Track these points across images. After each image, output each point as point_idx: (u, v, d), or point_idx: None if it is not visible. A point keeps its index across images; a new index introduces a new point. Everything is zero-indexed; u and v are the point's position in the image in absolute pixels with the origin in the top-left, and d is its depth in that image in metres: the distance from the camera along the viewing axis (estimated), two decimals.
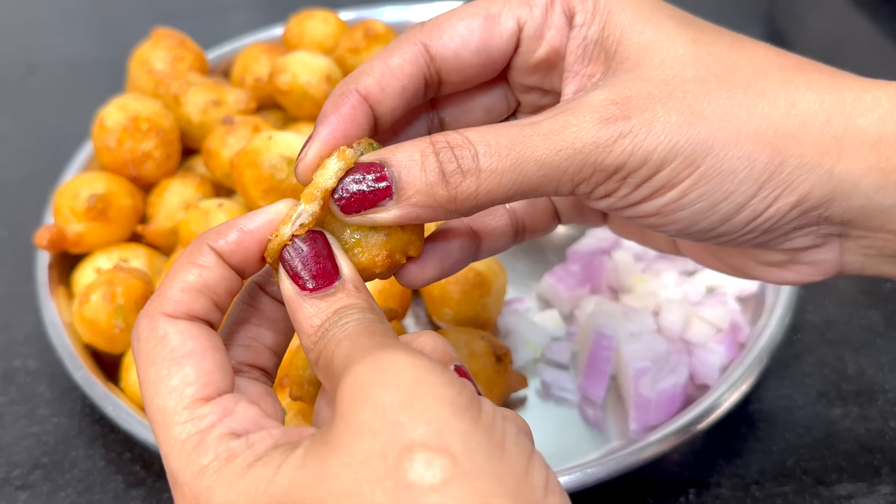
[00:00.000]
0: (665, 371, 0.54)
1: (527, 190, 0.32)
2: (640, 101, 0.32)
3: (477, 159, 0.32)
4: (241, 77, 0.70)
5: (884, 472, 0.52)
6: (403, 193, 0.32)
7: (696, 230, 0.34)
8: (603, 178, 0.32)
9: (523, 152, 0.32)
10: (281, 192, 0.53)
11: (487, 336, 0.53)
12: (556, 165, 0.32)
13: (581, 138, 0.32)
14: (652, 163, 0.32)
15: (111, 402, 0.51)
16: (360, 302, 0.31)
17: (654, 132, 0.32)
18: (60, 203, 0.58)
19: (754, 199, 0.33)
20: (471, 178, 0.32)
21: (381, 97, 0.35)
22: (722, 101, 0.32)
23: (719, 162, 0.32)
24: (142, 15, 1.03)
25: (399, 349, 0.27)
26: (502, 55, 0.37)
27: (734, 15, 0.98)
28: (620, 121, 0.32)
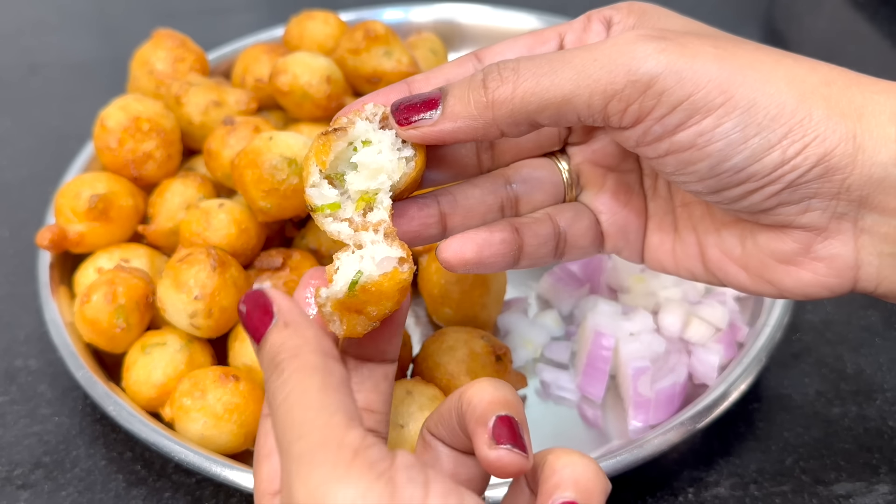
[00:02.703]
0: (664, 370, 0.54)
1: (561, 99, 0.34)
2: (675, 34, 0.34)
3: (517, 68, 0.34)
4: (241, 78, 0.70)
5: (882, 471, 0.52)
6: (448, 102, 0.35)
7: (728, 167, 0.34)
8: (636, 92, 0.33)
9: (561, 60, 0.34)
10: (281, 192, 0.53)
11: (487, 336, 0.53)
12: (590, 73, 0.33)
13: (616, 49, 0.33)
14: (686, 83, 0.33)
15: (112, 402, 0.51)
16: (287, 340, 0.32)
17: (687, 53, 0.33)
18: (62, 203, 0.58)
19: (784, 141, 0.33)
20: (508, 84, 0.34)
21: (423, 85, 0.38)
22: (751, 50, 0.34)
23: (751, 93, 0.33)
24: (143, 16, 1.03)
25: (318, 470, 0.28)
26: None
27: (733, 15, 0.99)
28: (657, 40, 0.33)
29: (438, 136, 0.36)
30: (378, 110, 0.37)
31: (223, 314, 0.52)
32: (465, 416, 0.33)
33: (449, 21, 0.86)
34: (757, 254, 0.38)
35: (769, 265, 0.38)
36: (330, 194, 0.37)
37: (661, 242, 0.43)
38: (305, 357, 0.31)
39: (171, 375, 0.52)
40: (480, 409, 0.32)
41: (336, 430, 0.28)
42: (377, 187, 0.37)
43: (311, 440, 0.28)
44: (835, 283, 0.37)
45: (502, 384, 0.33)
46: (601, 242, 0.43)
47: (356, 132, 0.36)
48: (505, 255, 0.40)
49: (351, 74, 0.68)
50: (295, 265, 0.57)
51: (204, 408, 0.49)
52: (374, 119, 0.37)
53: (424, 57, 0.77)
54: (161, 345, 0.53)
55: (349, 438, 0.28)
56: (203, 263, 0.52)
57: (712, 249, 0.41)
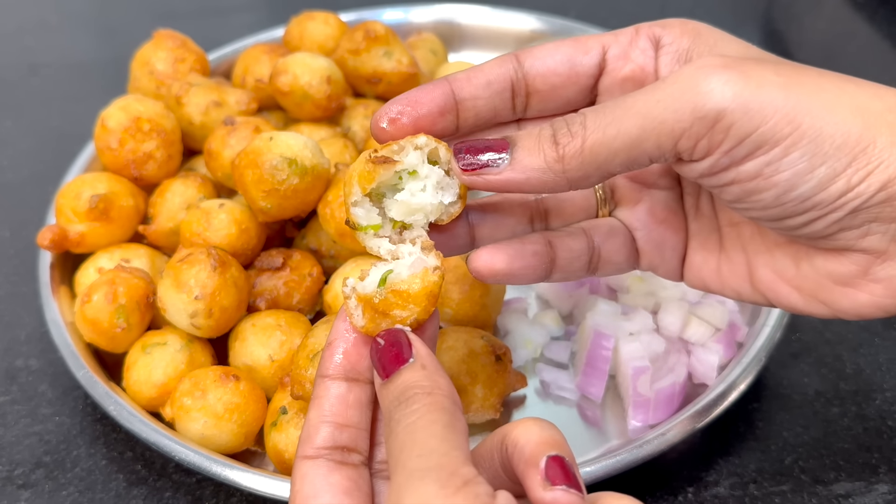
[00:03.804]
0: (664, 370, 0.54)
1: (629, 145, 0.34)
2: (737, 63, 0.33)
3: (584, 121, 0.34)
4: (242, 78, 0.71)
5: (881, 470, 0.52)
6: (517, 155, 0.35)
7: (793, 197, 0.34)
8: (704, 128, 0.33)
9: (625, 107, 0.34)
10: (281, 192, 0.53)
11: (487, 336, 0.53)
12: (655, 115, 0.33)
13: (680, 86, 0.33)
14: (753, 115, 0.33)
15: (113, 402, 0.51)
16: (423, 381, 0.33)
17: (752, 83, 0.33)
18: (62, 203, 0.58)
19: (849, 170, 0.33)
20: (577, 139, 0.34)
21: (464, 84, 0.39)
22: (813, 77, 0.34)
23: (818, 122, 0.33)
24: (143, 16, 1.03)
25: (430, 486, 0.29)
26: (587, 71, 0.39)
27: (733, 15, 0.99)
28: (720, 70, 0.33)
29: (504, 185, 0.36)
30: (430, 145, 0.36)
31: (223, 314, 0.52)
32: (511, 457, 0.33)
33: (449, 21, 0.86)
34: (812, 275, 0.38)
35: (825, 286, 0.38)
36: (374, 216, 0.37)
37: (705, 261, 0.42)
38: (438, 398, 0.32)
39: (171, 375, 0.52)
40: (529, 451, 0.32)
41: (453, 461, 0.30)
42: (413, 221, 0.37)
43: (429, 461, 0.30)
44: (891, 304, 0.36)
45: (546, 423, 0.33)
46: (636, 259, 0.43)
47: (405, 164, 0.36)
48: (536, 267, 0.40)
49: (351, 75, 0.68)
50: (295, 265, 0.57)
51: (204, 407, 0.49)
52: (424, 151, 0.36)
53: (424, 57, 0.77)
54: (161, 345, 0.53)
55: (463, 471, 0.30)
56: (203, 263, 0.52)
57: (763, 270, 0.40)
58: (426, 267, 0.36)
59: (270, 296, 0.56)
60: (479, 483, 0.29)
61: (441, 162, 0.37)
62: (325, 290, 0.57)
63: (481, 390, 0.51)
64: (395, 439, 0.32)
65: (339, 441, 0.35)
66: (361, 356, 0.36)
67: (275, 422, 0.49)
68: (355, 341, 0.36)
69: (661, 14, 0.39)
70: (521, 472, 0.32)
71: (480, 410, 0.52)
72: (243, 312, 0.55)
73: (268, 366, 0.52)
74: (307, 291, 0.57)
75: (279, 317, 0.54)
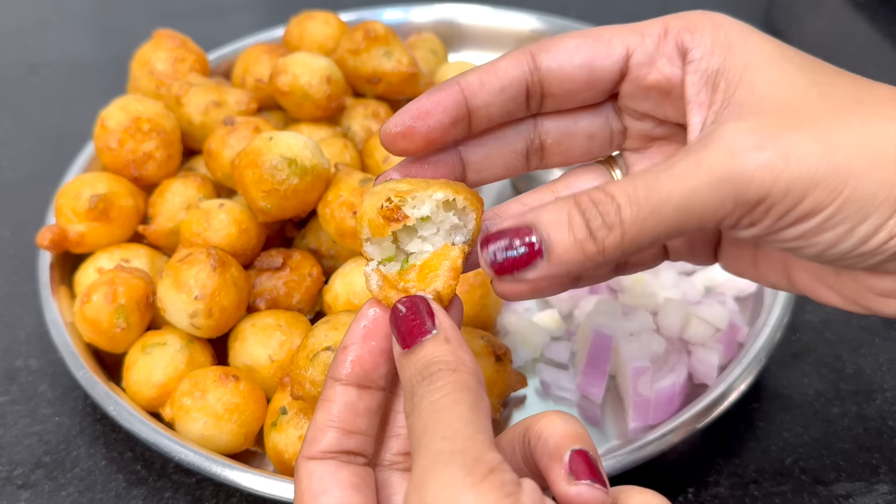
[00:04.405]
0: (664, 370, 0.54)
1: (671, 232, 0.33)
2: (773, 129, 0.32)
3: (619, 212, 0.32)
4: (241, 78, 0.70)
5: (882, 471, 0.52)
6: (554, 252, 0.33)
7: (834, 252, 0.34)
8: (745, 210, 0.32)
9: (661, 198, 0.32)
10: (281, 192, 0.53)
11: (487, 336, 0.53)
12: (694, 206, 0.32)
13: (716, 175, 0.31)
14: (793, 194, 0.32)
15: (112, 402, 0.51)
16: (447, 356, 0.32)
17: (792, 161, 0.31)
18: (62, 203, 0.58)
19: (891, 221, 0.32)
20: (616, 231, 0.32)
21: (477, 90, 0.37)
22: (856, 127, 0.32)
23: (861, 187, 0.32)
24: (143, 16, 1.03)
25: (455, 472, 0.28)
26: (607, 75, 0.37)
27: (733, 15, 0.98)
28: (756, 151, 0.31)
29: (540, 282, 0.34)
30: (449, 197, 0.35)
31: (223, 314, 0.52)
32: (534, 450, 0.33)
33: (449, 21, 0.86)
34: (853, 285, 0.38)
35: (866, 295, 0.37)
36: (386, 249, 0.36)
37: (739, 256, 0.41)
38: (462, 375, 0.32)
39: (171, 375, 0.52)
40: (553, 444, 0.32)
41: (478, 446, 0.29)
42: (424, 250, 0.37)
43: (454, 444, 0.29)
44: None
45: (570, 417, 0.33)
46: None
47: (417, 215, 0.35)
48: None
49: (351, 75, 0.68)
50: (295, 265, 0.57)
51: (204, 408, 0.49)
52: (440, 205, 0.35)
53: (424, 57, 0.77)
54: (161, 345, 0.53)
55: (488, 457, 0.29)
56: (203, 263, 0.52)
57: (802, 273, 0.39)
58: (447, 244, 0.35)
59: (270, 296, 0.56)
60: (505, 470, 0.29)
61: (457, 209, 0.36)
62: (325, 290, 0.57)
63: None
64: (417, 418, 0.31)
65: (344, 447, 0.35)
66: (376, 364, 0.35)
67: (275, 422, 0.49)
68: (371, 348, 0.35)
69: (663, 14, 0.38)
70: (544, 466, 0.32)
71: None
72: (243, 312, 0.55)
73: (268, 366, 0.52)
74: (307, 291, 0.57)
75: (279, 317, 0.54)
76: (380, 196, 0.35)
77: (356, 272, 0.55)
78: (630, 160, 0.41)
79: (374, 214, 0.35)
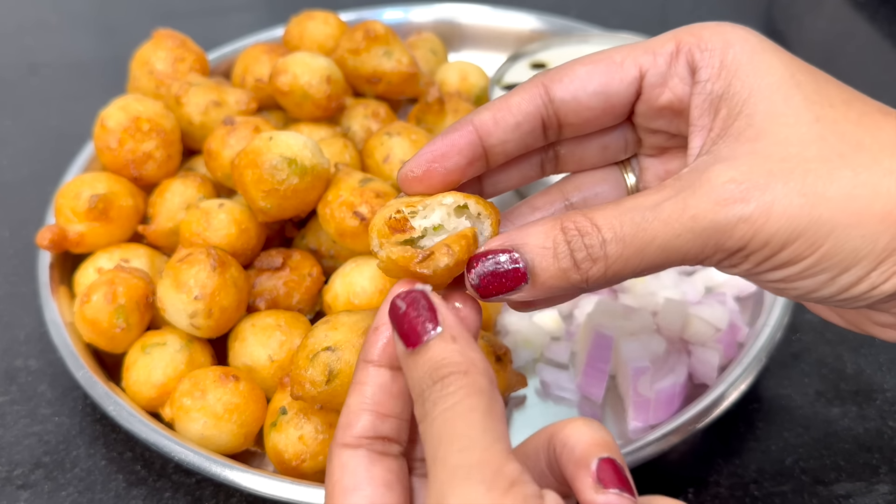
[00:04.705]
0: (664, 371, 0.54)
1: (653, 268, 0.34)
2: (760, 178, 0.32)
3: (604, 247, 0.33)
4: (241, 78, 0.70)
5: (882, 471, 0.52)
6: (538, 279, 0.33)
7: (815, 297, 0.34)
8: (726, 255, 0.33)
9: (645, 238, 0.33)
10: (281, 192, 0.53)
11: (487, 336, 0.53)
12: (678, 248, 0.33)
13: (700, 224, 0.32)
14: (773, 245, 0.32)
15: (112, 402, 0.51)
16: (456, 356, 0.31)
17: (774, 216, 0.32)
18: (62, 203, 0.58)
19: (873, 273, 0.33)
20: (600, 264, 0.33)
21: (492, 129, 0.36)
22: (845, 180, 0.32)
23: (842, 241, 0.32)
24: (143, 16, 1.03)
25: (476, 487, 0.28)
26: (622, 100, 0.37)
27: (733, 15, 0.99)
28: (740, 203, 0.32)
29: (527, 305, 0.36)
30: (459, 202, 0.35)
31: (223, 314, 0.52)
32: (559, 458, 0.32)
33: (449, 21, 0.86)
34: (854, 313, 0.38)
35: (866, 323, 0.38)
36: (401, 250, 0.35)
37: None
38: (475, 378, 0.31)
39: (171, 375, 0.52)
40: (579, 452, 0.31)
41: (497, 457, 0.29)
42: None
43: (472, 457, 0.29)
44: None
45: (597, 424, 0.32)
46: None
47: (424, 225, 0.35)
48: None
49: (351, 74, 0.68)
50: (295, 265, 0.57)
51: (204, 408, 0.49)
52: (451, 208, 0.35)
53: (424, 57, 0.77)
54: (161, 345, 0.53)
55: (508, 469, 0.28)
56: (203, 263, 0.52)
57: None
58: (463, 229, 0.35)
59: (270, 296, 0.56)
60: (527, 482, 0.29)
61: (470, 214, 0.35)
62: (325, 290, 0.57)
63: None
64: (430, 426, 0.30)
65: (379, 431, 0.34)
66: None
67: (274, 422, 0.49)
68: None
69: (663, 14, 0.38)
70: (570, 474, 0.31)
71: None
72: (243, 312, 0.55)
73: (267, 366, 0.52)
74: (307, 291, 0.57)
75: (279, 317, 0.54)
76: (390, 208, 0.35)
77: (356, 272, 0.55)
78: (644, 164, 0.41)
79: (382, 224, 0.35)
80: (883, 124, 0.33)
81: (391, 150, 0.60)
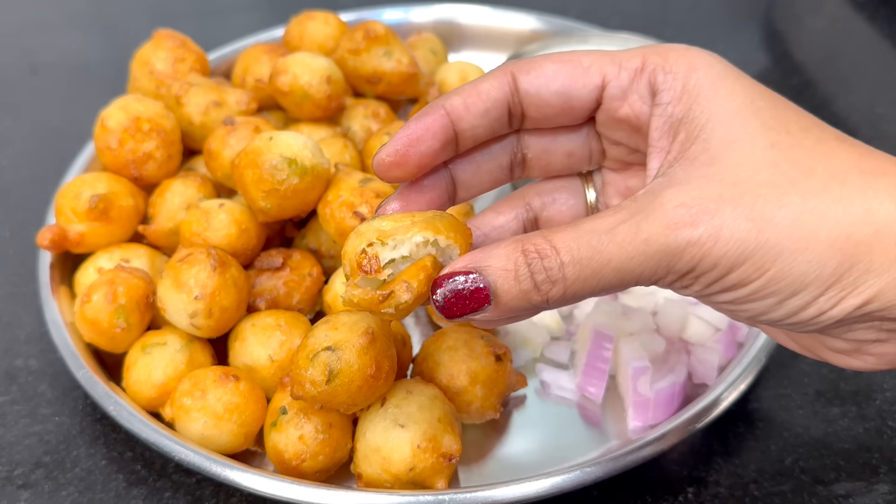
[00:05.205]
0: (664, 370, 0.54)
1: (610, 289, 0.35)
2: (710, 203, 0.33)
3: (563, 269, 0.34)
4: (241, 78, 0.71)
5: (882, 471, 0.52)
6: (501, 300, 0.34)
7: (765, 319, 0.35)
8: (677, 277, 0.34)
9: (601, 261, 0.34)
10: (281, 192, 0.53)
11: (487, 336, 0.53)
12: (631, 270, 0.34)
13: (652, 247, 0.33)
14: (721, 267, 0.33)
15: (113, 402, 0.51)
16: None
17: (722, 240, 0.32)
18: (62, 203, 0.58)
19: (821, 298, 0.33)
20: (559, 286, 0.34)
21: (463, 114, 0.38)
22: (794, 206, 0.32)
23: (788, 266, 0.33)
24: (143, 16, 1.03)
25: None
26: (582, 104, 0.38)
27: (733, 15, 0.99)
28: (689, 228, 0.33)
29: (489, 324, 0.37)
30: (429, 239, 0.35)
31: (223, 314, 0.52)
32: None
33: (449, 21, 0.86)
34: (809, 340, 0.38)
35: (818, 347, 0.38)
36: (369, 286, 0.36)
37: None
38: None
39: (171, 375, 0.52)
40: None
41: None
42: None
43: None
44: (885, 368, 0.37)
45: None
46: None
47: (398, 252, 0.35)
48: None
49: (351, 75, 0.68)
50: (295, 265, 0.57)
51: (204, 408, 0.49)
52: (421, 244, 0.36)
53: (424, 57, 0.77)
54: (161, 345, 0.53)
55: None
56: (203, 263, 0.52)
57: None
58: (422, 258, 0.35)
59: (270, 296, 0.56)
60: None
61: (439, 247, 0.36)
62: (325, 290, 0.57)
63: (481, 390, 0.51)
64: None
65: None
66: None
67: (275, 422, 0.49)
68: None
69: (663, 14, 0.38)
70: None
71: (480, 410, 0.52)
72: (243, 312, 0.55)
73: (268, 366, 0.52)
74: (307, 291, 0.57)
75: (279, 317, 0.54)
76: (362, 238, 0.35)
77: None
78: (608, 178, 0.42)
79: (354, 259, 0.35)
80: (837, 151, 0.34)
81: None
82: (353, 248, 0.36)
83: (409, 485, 0.47)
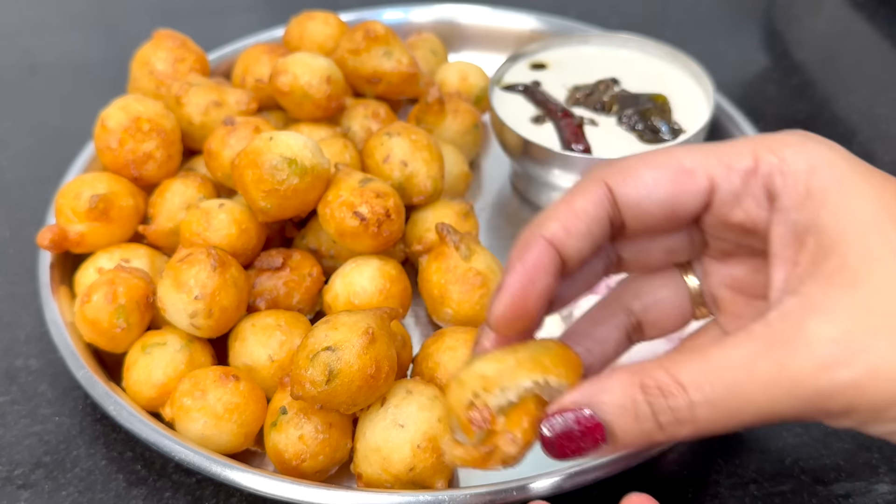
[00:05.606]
0: None
1: (744, 426, 0.32)
2: (864, 338, 0.30)
3: (693, 410, 0.31)
4: (241, 78, 0.71)
5: (882, 470, 0.52)
6: (619, 440, 0.32)
7: None
8: (827, 416, 0.31)
9: (740, 403, 0.30)
10: (281, 192, 0.53)
11: None
12: (776, 411, 0.31)
13: (801, 388, 0.30)
14: (879, 406, 0.30)
15: (113, 402, 0.51)
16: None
17: (881, 379, 0.30)
18: (62, 203, 0.58)
19: None
20: (688, 427, 0.31)
21: (566, 240, 0.35)
22: None
23: None
24: (143, 16, 1.03)
25: None
26: (689, 211, 0.35)
27: (733, 15, 0.99)
28: (843, 368, 0.30)
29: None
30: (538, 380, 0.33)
31: (223, 314, 0.52)
32: None
33: (449, 21, 0.86)
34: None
35: None
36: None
37: None
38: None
39: (171, 375, 0.52)
40: None
41: None
42: None
43: None
44: None
45: None
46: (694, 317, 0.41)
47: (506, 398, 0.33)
48: None
49: (351, 75, 0.68)
50: (295, 265, 0.57)
51: (204, 408, 0.49)
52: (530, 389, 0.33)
53: (424, 57, 0.77)
54: (161, 345, 0.53)
55: None
56: (203, 263, 0.52)
57: None
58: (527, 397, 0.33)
59: (270, 296, 0.56)
60: None
61: (551, 387, 0.33)
62: (325, 290, 0.57)
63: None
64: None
65: None
66: None
67: (275, 422, 0.49)
68: None
69: (663, 14, 0.38)
70: None
71: None
72: (243, 312, 0.55)
73: (268, 366, 0.52)
74: (307, 291, 0.57)
75: (279, 317, 0.54)
76: (466, 389, 0.33)
77: (356, 272, 0.55)
78: (708, 267, 0.39)
79: (462, 414, 0.33)
80: None
81: (391, 151, 0.60)
82: (458, 402, 0.33)
83: (408, 485, 0.47)
